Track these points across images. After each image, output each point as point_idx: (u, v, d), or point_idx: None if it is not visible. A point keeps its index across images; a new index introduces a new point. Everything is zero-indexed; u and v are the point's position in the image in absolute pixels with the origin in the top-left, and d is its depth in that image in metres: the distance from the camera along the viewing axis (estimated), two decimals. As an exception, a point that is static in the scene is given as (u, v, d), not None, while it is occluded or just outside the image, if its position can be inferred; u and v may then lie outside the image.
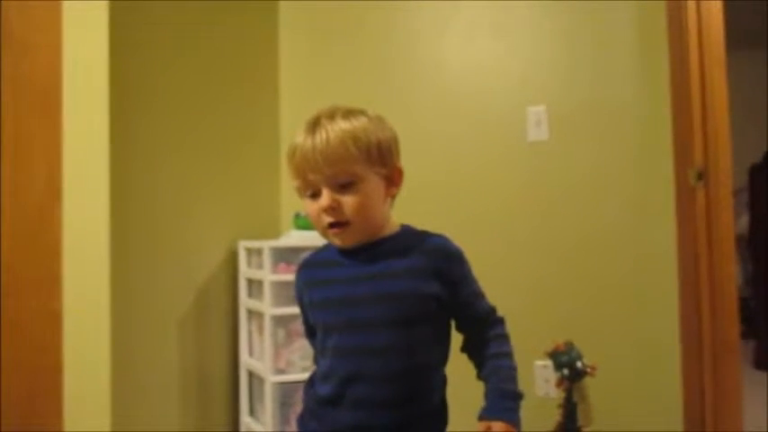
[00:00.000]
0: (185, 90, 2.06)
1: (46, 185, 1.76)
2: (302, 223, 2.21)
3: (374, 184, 1.05)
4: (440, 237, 1.11)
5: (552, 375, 1.97)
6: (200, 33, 2.13)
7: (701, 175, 1.88)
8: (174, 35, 2.00)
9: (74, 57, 1.75)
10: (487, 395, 1.07)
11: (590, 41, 2.23)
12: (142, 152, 1.84)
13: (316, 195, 1.04)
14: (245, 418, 2.20)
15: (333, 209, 1.02)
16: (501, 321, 1.15)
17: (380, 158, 1.05)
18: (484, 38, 2.36)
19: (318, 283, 1.11)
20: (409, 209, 1.26)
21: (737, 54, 4.06)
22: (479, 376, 1.12)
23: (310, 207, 1.05)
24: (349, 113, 1.04)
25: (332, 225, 1.03)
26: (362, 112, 1.06)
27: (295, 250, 2.02)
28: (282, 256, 2.05)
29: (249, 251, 2.24)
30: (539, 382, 2.19)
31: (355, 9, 2.53)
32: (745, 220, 4.22)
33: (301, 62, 2.63)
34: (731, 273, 1.88)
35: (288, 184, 2.60)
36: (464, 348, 1.15)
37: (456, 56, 2.41)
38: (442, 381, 1.10)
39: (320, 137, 1.00)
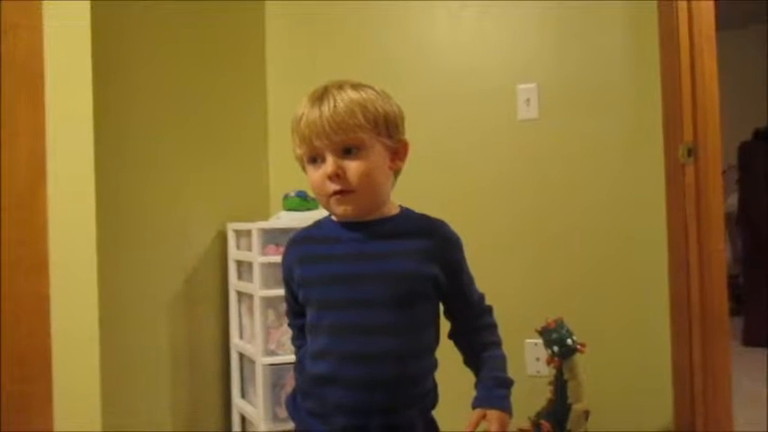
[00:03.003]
0: (173, 73, 2.02)
1: (30, 168, 1.73)
2: (291, 204, 2.19)
3: (380, 153, 1.04)
4: (441, 222, 1.12)
5: (543, 353, 1.97)
6: (187, 13, 2.09)
7: (690, 152, 1.88)
8: (161, 15, 1.96)
9: (56, 39, 1.70)
10: (481, 383, 1.09)
11: (580, 19, 2.21)
12: (129, 135, 1.80)
13: (320, 163, 1.03)
14: (237, 400, 2.20)
15: (337, 176, 1.00)
16: (490, 310, 1.17)
17: (387, 130, 1.05)
18: (474, 16, 2.34)
19: (314, 258, 1.10)
20: (399, 188, 1.25)
21: (728, 32, 4.05)
22: (468, 363, 1.13)
23: (314, 175, 1.04)
24: (358, 85, 1.05)
25: (336, 192, 1.02)
26: (371, 87, 1.06)
27: (284, 232, 2.01)
28: (271, 237, 2.04)
29: (238, 233, 2.22)
30: (529, 360, 2.20)
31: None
32: (734, 198, 4.25)
33: (289, 44, 2.59)
34: (721, 249, 1.88)
35: (277, 165, 2.60)
36: (452, 335, 1.16)
37: (445, 34, 2.38)
38: (435, 363, 1.11)
39: (328, 104, 1.00)
